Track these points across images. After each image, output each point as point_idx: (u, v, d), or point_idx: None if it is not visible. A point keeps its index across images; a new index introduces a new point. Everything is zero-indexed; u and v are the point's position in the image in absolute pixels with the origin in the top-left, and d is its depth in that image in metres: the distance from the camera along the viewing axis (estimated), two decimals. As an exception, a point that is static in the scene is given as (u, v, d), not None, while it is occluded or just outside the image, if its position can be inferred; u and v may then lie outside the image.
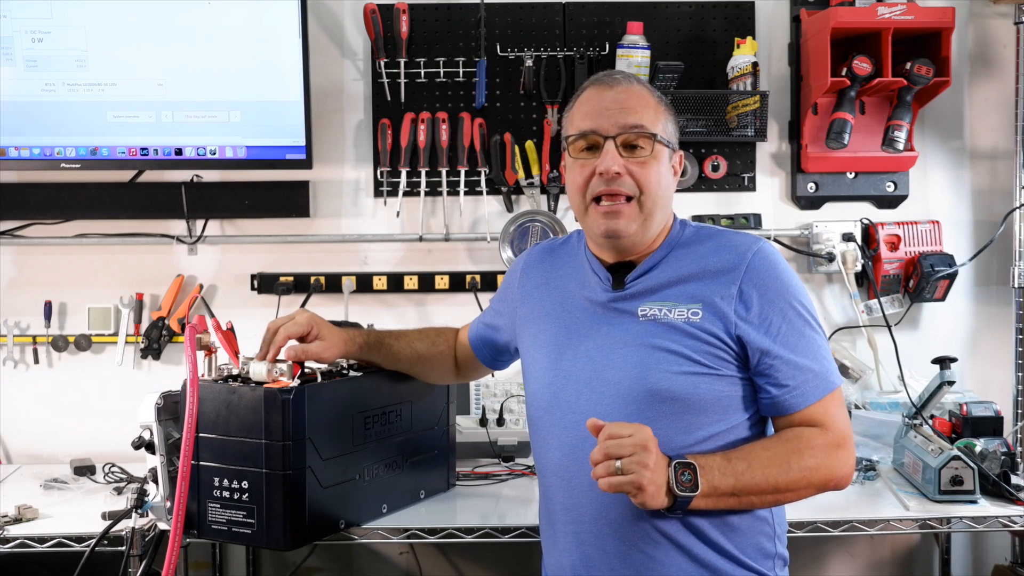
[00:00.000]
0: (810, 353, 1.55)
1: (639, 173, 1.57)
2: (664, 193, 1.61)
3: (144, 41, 2.55)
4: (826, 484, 1.54)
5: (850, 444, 1.57)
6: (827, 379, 1.56)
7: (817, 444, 1.52)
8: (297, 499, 1.87)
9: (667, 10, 2.78)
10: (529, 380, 1.74)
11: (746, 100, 2.66)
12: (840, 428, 1.56)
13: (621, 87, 1.61)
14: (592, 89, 1.63)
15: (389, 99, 2.75)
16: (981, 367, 2.84)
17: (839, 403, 1.58)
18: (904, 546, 2.89)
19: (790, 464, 1.50)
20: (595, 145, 1.59)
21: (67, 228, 2.75)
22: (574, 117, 1.63)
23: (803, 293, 1.59)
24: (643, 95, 1.61)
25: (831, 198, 2.81)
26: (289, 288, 2.73)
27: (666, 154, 1.62)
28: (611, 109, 1.58)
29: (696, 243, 1.64)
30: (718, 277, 1.57)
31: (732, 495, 1.48)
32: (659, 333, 1.56)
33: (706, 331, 1.54)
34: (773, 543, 1.61)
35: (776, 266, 1.58)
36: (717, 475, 1.46)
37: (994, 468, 2.23)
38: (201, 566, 2.78)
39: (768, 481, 1.48)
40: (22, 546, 2.06)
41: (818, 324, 1.59)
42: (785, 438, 1.54)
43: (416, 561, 2.77)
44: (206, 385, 1.90)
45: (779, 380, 1.54)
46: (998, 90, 2.82)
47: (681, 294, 1.58)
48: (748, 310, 1.54)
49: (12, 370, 2.76)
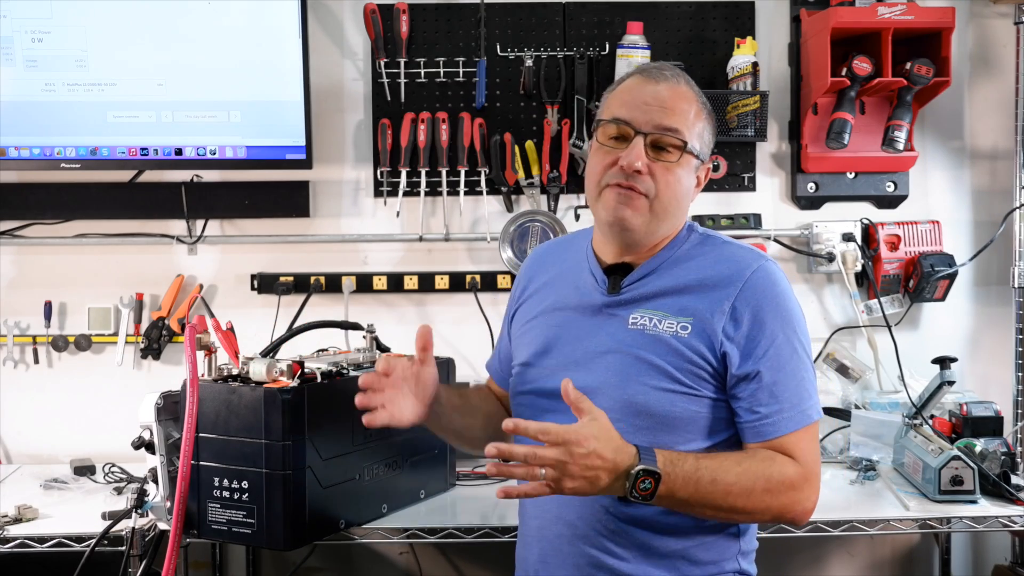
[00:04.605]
0: (792, 383, 1.49)
1: (660, 176, 1.51)
2: (679, 203, 1.55)
3: (144, 41, 2.55)
4: (782, 517, 1.49)
5: (816, 481, 1.49)
6: (805, 412, 1.49)
7: (787, 475, 1.46)
8: (297, 499, 1.88)
9: (667, 10, 2.77)
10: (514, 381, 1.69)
11: (746, 100, 2.66)
12: (809, 463, 1.48)
13: (668, 84, 1.53)
14: (638, 78, 1.56)
15: (389, 99, 2.75)
16: (981, 367, 2.84)
17: (813, 436, 1.51)
18: (904, 546, 2.89)
19: (753, 489, 1.44)
20: (625, 136, 1.52)
21: (67, 228, 2.75)
22: (612, 103, 1.56)
23: (798, 319, 1.52)
24: (688, 98, 1.54)
25: (831, 198, 2.81)
26: (289, 288, 2.73)
27: (693, 164, 1.55)
28: (651, 105, 1.51)
29: (699, 252, 1.57)
30: (713, 291, 1.50)
31: (685, 503, 1.42)
32: (646, 344, 1.51)
33: (692, 348, 1.49)
34: (737, 560, 1.57)
35: (775, 287, 1.51)
36: (679, 483, 1.38)
37: (994, 468, 2.23)
38: (201, 566, 2.78)
39: (727, 501, 1.43)
40: (22, 546, 2.06)
41: (807, 354, 1.53)
42: (759, 457, 1.47)
43: (416, 561, 2.77)
44: (206, 385, 1.90)
45: (754, 406, 1.48)
46: (998, 90, 2.82)
47: (674, 305, 1.52)
48: (737, 329, 1.48)
49: (12, 370, 2.76)
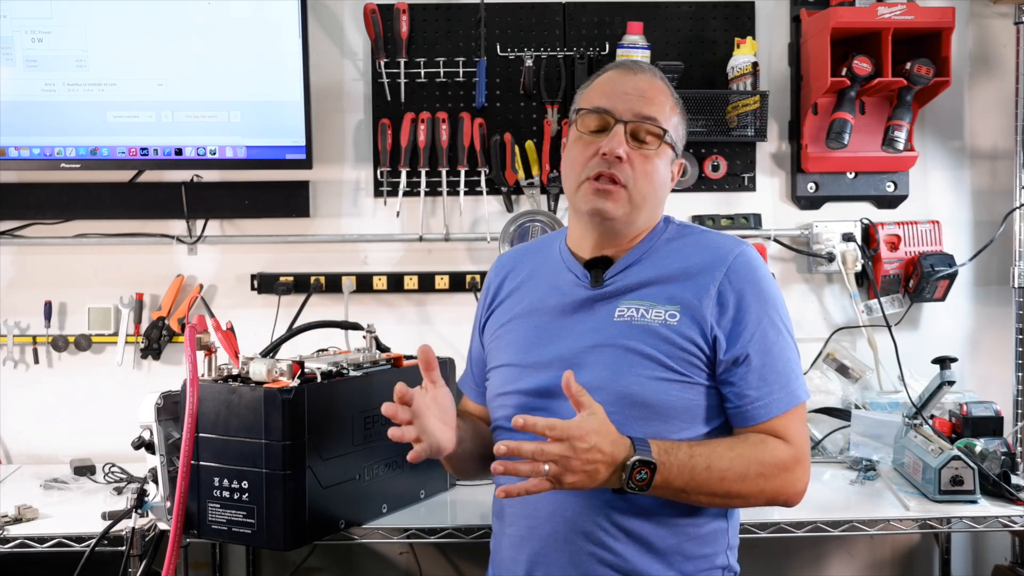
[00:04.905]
0: (779, 365, 1.51)
1: (639, 165, 1.54)
2: (657, 192, 1.58)
3: (144, 41, 2.55)
4: (776, 499, 1.51)
5: (807, 461, 1.52)
6: (794, 393, 1.52)
7: (779, 458, 1.48)
8: (297, 499, 1.87)
9: (667, 10, 2.78)
10: (493, 382, 1.67)
11: (746, 100, 2.66)
12: (800, 444, 1.51)
13: (645, 76, 1.59)
14: (616, 71, 1.61)
15: (389, 99, 2.75)
16: (981, 367, 2.84)
17: (801, 418, 1.54)
18: (904, 546, 2.89)
19: (748, 473, 1.46)
20: (605, 127, 1.56)
21: (67, 228, 2.75)
22: (591, 93, 1.59)
23: (780, 302, 1.56)
24: (664, 91, 1.59)
25: (831, 198, 2.81)
26: (289, 288, 2.73)
27: (669, 155, 1.59)
28: (631, 95, 1.55)
29: (679, 241, 1.60)
30: (697, 278, 1.53)
31: (682, 491, 1.44)
32: (634, 335, 1.52)
33: (683, 335, 1.50)
34: (727, 556, 1.58)
35: (757, 271, 1.54)
36: (675, 472, 1.41)
37: (994, 468, 2.23)
38: (201, 566, 2.78)
39: (722, 487, 1.45)
40: (22, 546, 2.06)
41: (791, 335, 1.55)
42: (751, 441, 1.49)
43: (416, 561, 2.77)
44: (206, 385, 1.90)
45: (744, 390, 1.50)
46: (998, 90, 2.82)
47: (660, 294, 1.54)
48: (723, 314, 1.51)
49: (12, 370, 2.76)
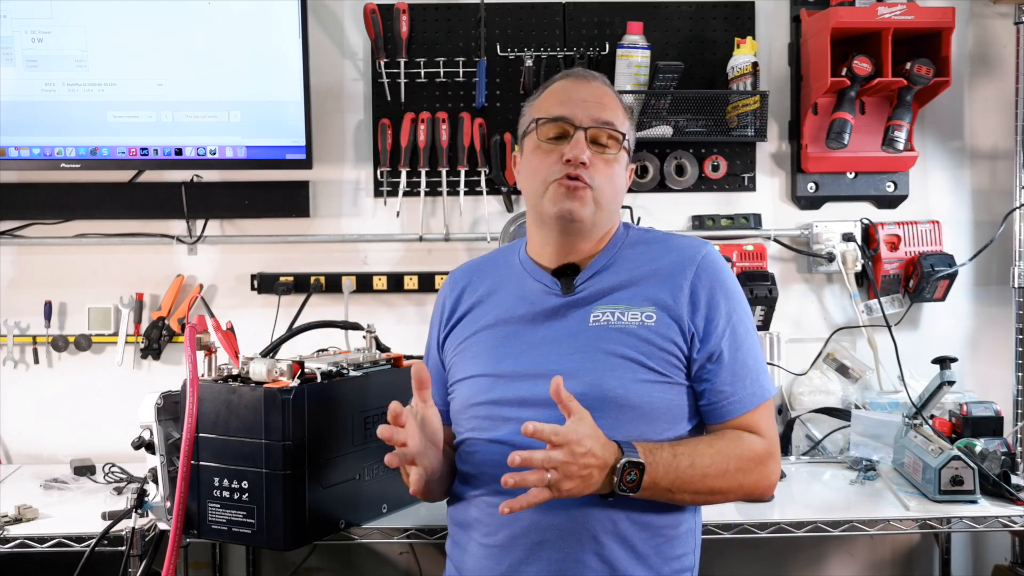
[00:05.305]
0: (749, 361, 1.56)
1: (602, 169, 1.58)
2: (617, 196, 1.63)
3: (144, 41, 2.55)
4: (752, 493, 1.55)
5: (778, 454, 1.57)
6: (763, 387, 1.56)
7: (755, 452, 1.52)
8: (297, 499, 1.87)
9: (667, 10, 2.78)
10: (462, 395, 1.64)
11: (746, 100, 2.66)
12: (772, 438, 1.56)
13: (597, 84, 1.63)
14: (568, 80, 1.63)
15: (389, 99, 2.75)
16: (981, 367, 2.84)
17: (770, 411, 1.58)
18: (904, 546, 2.89)
19: (727, 468, 1.49)
20: (564, 134, 1.58)
21: (67, 228, 2.75)
22: (544, 103, 1.62)
23: (743, 297, 1.61)
24: (615, 99, 1.64)
25: (831, 198, 2.81)
26: (289, 288, 2.73)
27: (625, 159, 1.64)
28: (588, 101, 1.59)
29: (643, 246, 1.63)
30: (669, 278, 1.56)
31: (668, 491, 1.46)
32: (612, 338, 1.53)
33: (661, 335, 1.53)
34: (693, 556, 1.60)
35: (723, 271, 1.59)
36: (661, 471, 1.44)
37: (994, 468, 2.23)
38: (201, 566, 2.78)
39: (705, 483, 1.48)
40: (22, 546, 2.06)
41: (755, 330, 1.60)
42: (728, 437, 1.53)
43: (416, 561, 2.77)
44: (206, 385, 1.89)
45: (719, 387, 1.54)
46: (998, 90, 2.82)
47: (635, 296, 1.56)
48: (696, 311, 1.54)
49: (12, 370, 2.76)
